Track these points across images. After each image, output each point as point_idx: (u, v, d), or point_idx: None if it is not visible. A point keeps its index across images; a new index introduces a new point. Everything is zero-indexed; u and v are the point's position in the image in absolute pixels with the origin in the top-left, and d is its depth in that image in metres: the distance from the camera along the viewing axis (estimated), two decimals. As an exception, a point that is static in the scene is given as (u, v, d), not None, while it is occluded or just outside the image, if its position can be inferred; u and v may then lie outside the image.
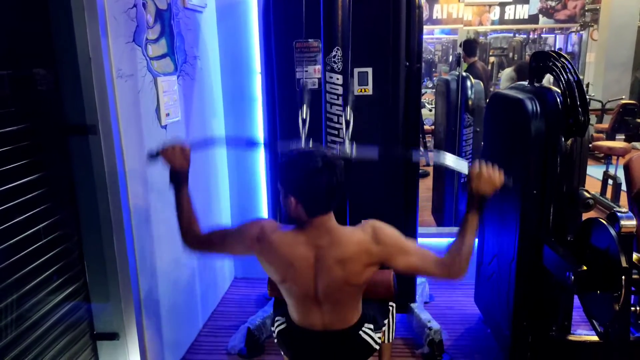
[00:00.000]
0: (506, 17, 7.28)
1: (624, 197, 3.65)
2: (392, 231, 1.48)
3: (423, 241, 2.67)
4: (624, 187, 2.74)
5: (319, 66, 2.24)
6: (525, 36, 8.20)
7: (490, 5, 7.24)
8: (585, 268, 1.65)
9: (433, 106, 5.82)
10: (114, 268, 1.79)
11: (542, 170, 1.90)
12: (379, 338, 1.65)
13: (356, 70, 2.21)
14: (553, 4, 7.15)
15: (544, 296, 1.99)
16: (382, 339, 1.77)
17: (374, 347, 1.63)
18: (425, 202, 3.89)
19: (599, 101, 6.29)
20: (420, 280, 2.76)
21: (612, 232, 1.59)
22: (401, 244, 1.47)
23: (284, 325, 1.65)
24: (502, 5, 7.20)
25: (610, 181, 4.37)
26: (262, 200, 3.17)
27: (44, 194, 1.58)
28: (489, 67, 7.50)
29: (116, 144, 1.76)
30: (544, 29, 8.04)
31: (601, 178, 4.54)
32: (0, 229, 1.39)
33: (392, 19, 2.19)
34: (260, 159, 3.10)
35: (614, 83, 6.68)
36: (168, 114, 2.22)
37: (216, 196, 2.97)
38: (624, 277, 1.53)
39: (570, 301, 2.02)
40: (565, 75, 1.84)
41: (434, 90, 5.93)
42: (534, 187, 1.92)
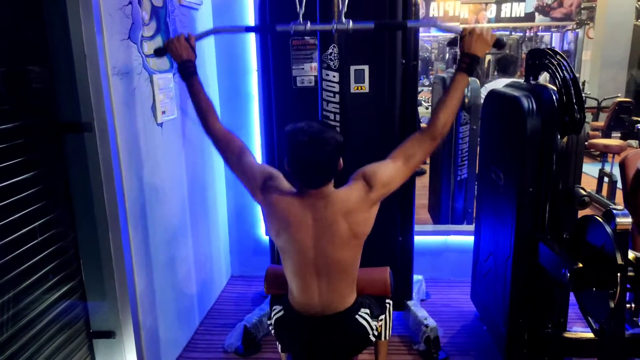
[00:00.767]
0: (502, 14, 7.29)
1: (619, 194, 3.66)
2: (379, 168, 1.52)
3: (419, 239, 2.68)
4: (619, 184, 2.75)
5: (315, 64, 2.24)
6: (521, 34, 8.22)
7: (486, 3, 7.25)
8: (580, 265, 1.65)
9: (430, 104, 5.83)
10: (110, 266, 1.79)
11: (538, 168, 1.90)
12: (375, 327, 1.67)
13: (352, 68, 2.21)
14: (549, 1, 7.16)
15: (539, 293, 2.00)
16: (379, 329, 1.77)
17: (370, 333, 1.64)
18: (422, 200, 3.90)
19: (595, 99, 6.31)
20: (416, 277, 2.77)
21: (608, 229, 1.60)
22: (385, 163, 1.52)
23: (282, 312, 1.67)
24: (499, 3, 7.21)
25: (606, 179, 4.39)
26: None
27: (39, 191, 1.57)
28: (485, 65, 7.51)
29: (112, 141, 1.75)
30: (540, 27, 8.06)
31: (597, 176, 4.55)
32: (-5, 227, 1.39)
33: (388, 16, 2.18)
34: (257, 151, 3.10)
35: (610, 81, 6.71)
36: (164, 112, 2.21)
37: (212, 187, 2.96)
38: (619, 274, 1.53)
39: (565, 298, 2.03)
40: (561, 73, 1.84)
41: (430, 88, 5.94)
42: (529, 185, 1.92)
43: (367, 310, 1.66)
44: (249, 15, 2.88)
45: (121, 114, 1.84)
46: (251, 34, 2.90)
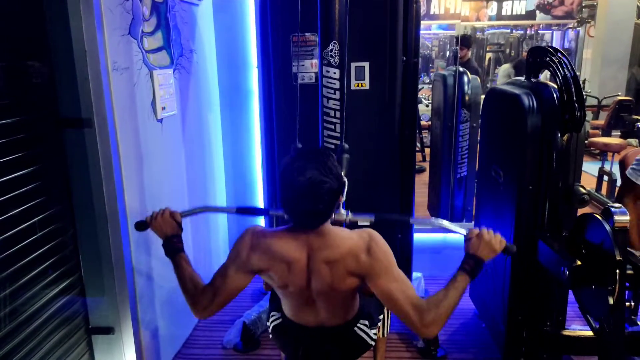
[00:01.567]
0: (503, 12, 7.27)
1: (619, 193, 3.66)
2: (387, 249, 1.40)
3: (418, 236, 2.68)
4: (619, 183, 2.75)
5: (315, 60, 2.24)
6: (522, 32, 8.20)
7: (487, 1, 7.24)
8: (579, 263, 1.65)
9: (430, 102, 5.83)
10: (110, 262, 1.79)
11: (538, 166, 1.90)
12: (374, 334, 1.64)
13: (353, 65, 2.21)
14: (550, 0, 7.15)
15: (538, 291, 2.00)
16: (378, 334, 1.77)
17: (369, 343, 1.61)
18: (422, 198, 3.90)
19: (595, 97, 6.30)
20: (415, 275, 2.77)
21: (607, 227, 1.60)
22: (390, 266, 1.38)
23: (279, 320, 1.63)
24: (500, 0, 7.20)
25: (606, 177, 4.39)
26: (258, 189, 3.17)
27: (38, 187, 1.57)
28: (485, 63, 7.50)
29: (111, 137, 1.75)
30: (541, 25, 8.04)
31: (597, 174, 4.56)
32: (-6, 222, 1.39)
33: (389, 13, 2.18)
34: (256, 148, 3.10)
35: (611, 79, 6.71)
36: (164, 108, 2.21)
37: (212, 183, 2.96)
38: (618, 271, 1.54)
39: (564, 296, 2.03)
40: (561, 71, 1.84)
41: (430, 86, 5.93)
42: (529, 183, 1.92)
43: (366, 322, 1.60)
44: (250, 11, 2.88)
45: (121, 109, 1.84)
46: (250, 27, 2.89)
